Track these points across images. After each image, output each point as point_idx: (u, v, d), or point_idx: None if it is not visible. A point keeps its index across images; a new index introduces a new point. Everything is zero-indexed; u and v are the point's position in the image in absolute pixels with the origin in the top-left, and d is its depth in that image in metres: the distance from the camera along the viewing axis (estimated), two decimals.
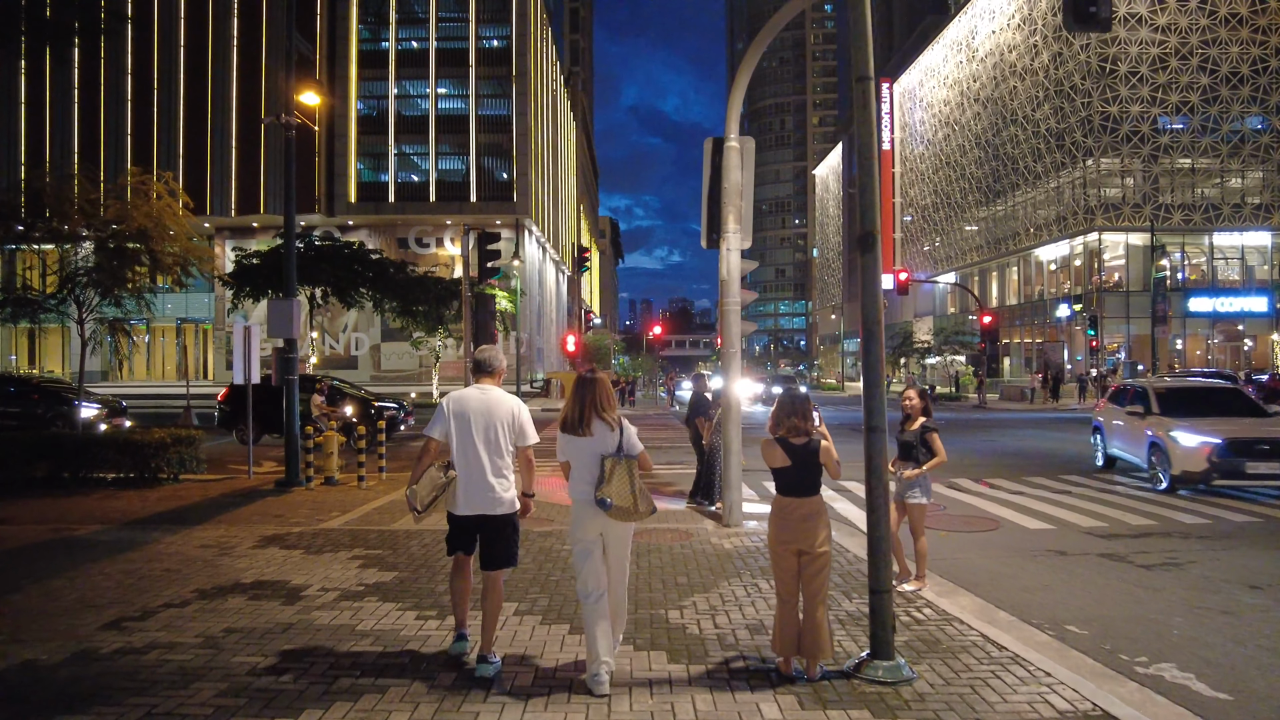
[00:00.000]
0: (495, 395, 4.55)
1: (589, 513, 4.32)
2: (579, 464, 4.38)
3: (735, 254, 8.69)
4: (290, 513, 9.73)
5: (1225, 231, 46.89)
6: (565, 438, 4.43)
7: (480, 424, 4.45)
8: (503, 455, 4.48)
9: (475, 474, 4.42)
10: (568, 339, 38.44)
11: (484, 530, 4.48)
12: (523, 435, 4.54)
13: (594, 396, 4.38)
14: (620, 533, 4.43)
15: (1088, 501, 11.05)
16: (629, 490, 4.23)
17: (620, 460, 4.28)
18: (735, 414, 8.69)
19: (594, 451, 4.32)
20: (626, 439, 4.38)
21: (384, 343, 48.74)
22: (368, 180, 48.22)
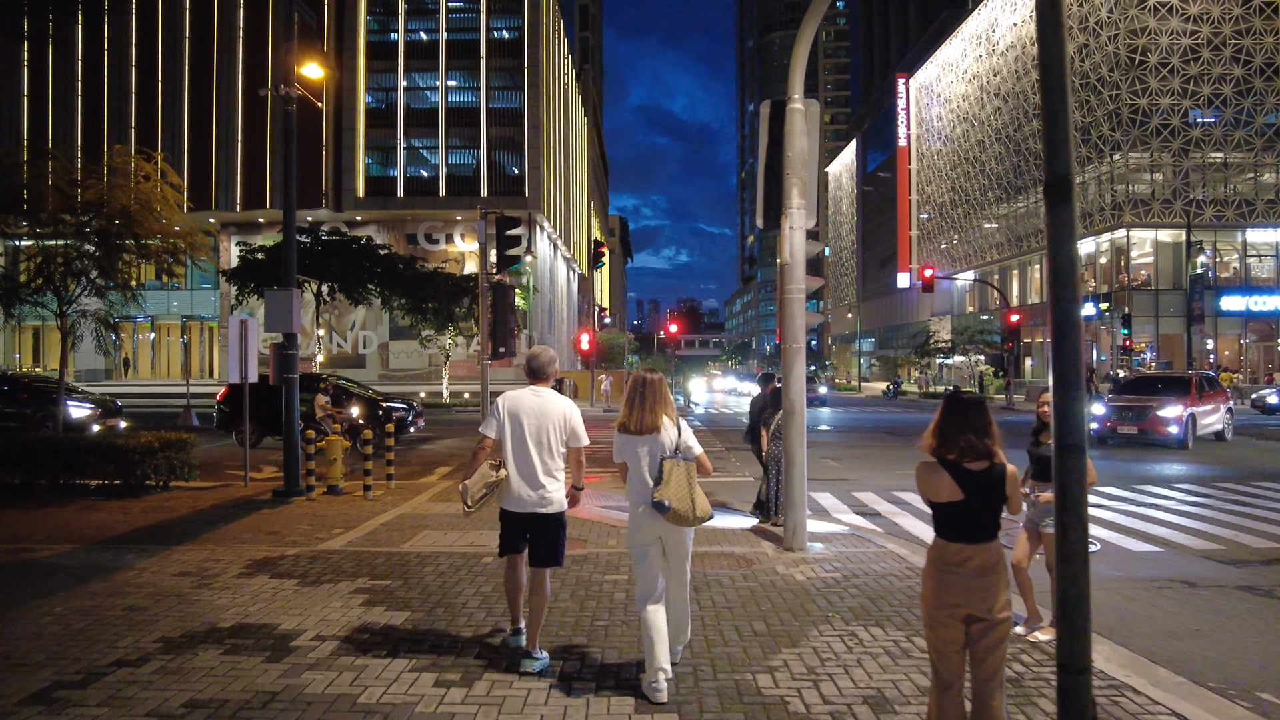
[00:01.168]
0: (549, 397, 4.65)
1: (647, 515, 4.26)
2: (636, 465, 4.34)
3: (800, 233, 7.48)
4: (287, 529, 8.57)
5: (1259, 228, 45.42)
6: (623, 438, 4.40)
7: (533, 425, 4.56)
8: (554, 456, 4.57)
9: (527, 473, 4.53)
10: (581, 337, 37.20)
11: (533, 528, 4.58)
12: (575, 437, 4.63)
13: (653, 396, 4.35)
14: (680, 536, 4.37)
15: (1183, 517, 9.80)
16: (687, 493, 4.18)
17: (679, 462, 4.23)
18: (799, 421, 7.49)
19: (652, 453, 4.30)
20: (685, 440, 4.34)
21: (392, 341, 47.64)
22: (376, 175, 47.13)
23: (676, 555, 4.41)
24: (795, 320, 7.49)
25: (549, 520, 4.55)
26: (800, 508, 7.50)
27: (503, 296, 11.08)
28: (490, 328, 11.02)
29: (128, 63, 45.45)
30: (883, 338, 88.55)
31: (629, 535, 4.43)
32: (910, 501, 10.99)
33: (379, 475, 11.45)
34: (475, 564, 6.98)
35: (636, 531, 4.35)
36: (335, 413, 16.13)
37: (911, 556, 7.30)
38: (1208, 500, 11.05)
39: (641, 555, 4.33)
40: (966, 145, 65.02)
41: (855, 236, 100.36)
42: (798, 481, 7.49)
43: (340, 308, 45.56)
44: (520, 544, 4.68)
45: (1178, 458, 16.11)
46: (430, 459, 15.93)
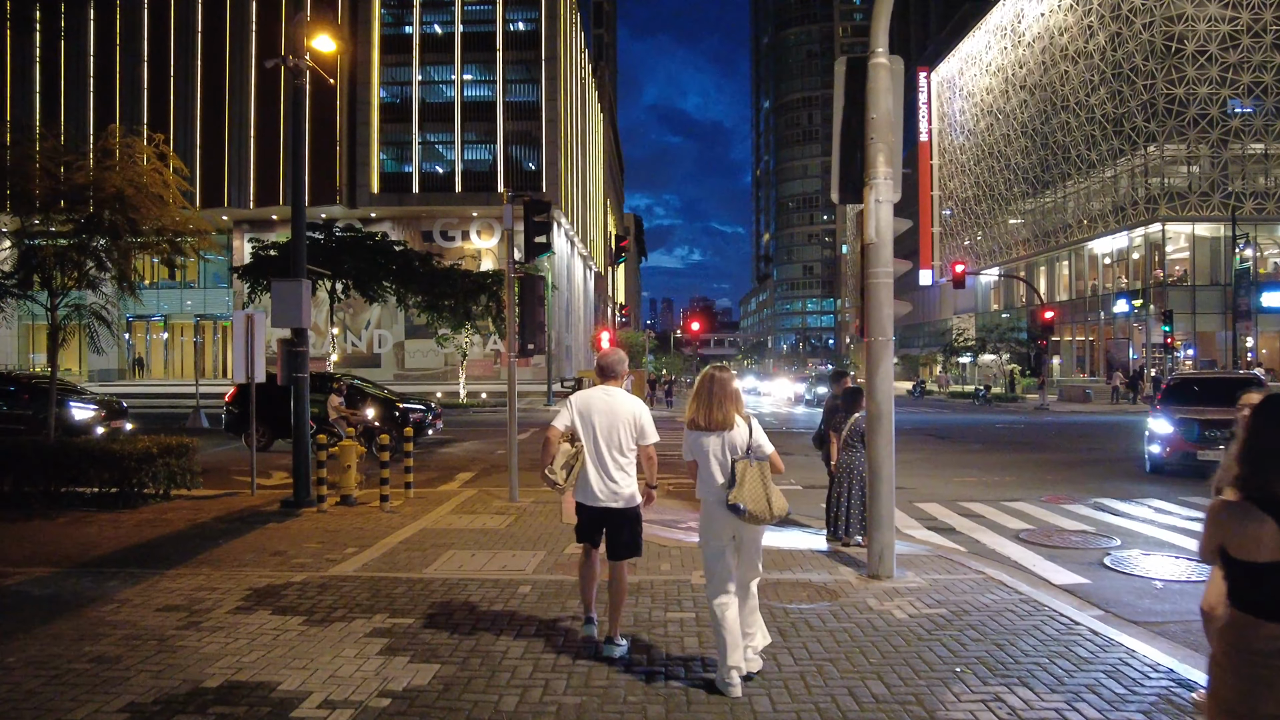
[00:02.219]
0: (619, 397, 4.75)
1: (720, 514, 4.24)
2: (706, 463, 4.33)
3: (887, 207, 6.42)
4: (294, 547, 7.59)
5: None
6: (693, 436, 4.39)
7: (604, 423, 4.66)
8: (624, 453, 4.68)
9: (599, 469, 4.64)
10: (601, 335, 36.22)
11: (609, 522, 4.73)
12: (644, 434, 4.74)
13: (721, 392, 4.31)
14: (753, 534, 4.37)
15: None
16: (762, 493, 4.13)
17: (752, 462, 4.19)
18: (886, 427, 6.43)
19: (723, 452, 4.29)
20: (756, 439, 4.29)
21: (408, 340, 46.83)
22: (391, 171, 46.32)
23: (749, 551, 4.38)
24: (882, 309, 6.42)
25: (622, 514, 4.70)
26: (888, 528, 6.43)
27: (532, 289, 10.06)
28: (519, 322, 10.00)
29: (139, 57, 44.83)
30: (904, 336, 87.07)
31: (701, 531, 4.43)
32: (982, 514, 9.89)
33: (396, 483, 10.47)
34: (511, 594, 5.96)
35: (709, 529, 4.33)
36: (349, 414, 15.21)
37: (1020, 585, 6.23)
38: None
39: (717, 554, 4.30)
40: (991, 139, 63.56)
41: None
42: (885, 498, 6.42)
43: (355, 306, 44.81)
44: (595, 536, 4.81)
45: None
46: (451, 464, 14.95)
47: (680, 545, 7.73)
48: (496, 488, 11.43)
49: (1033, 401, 39.50)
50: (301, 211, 10.30)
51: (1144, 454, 13.83)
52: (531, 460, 15.10)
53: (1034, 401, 39.13)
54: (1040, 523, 9.41)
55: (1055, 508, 10.37)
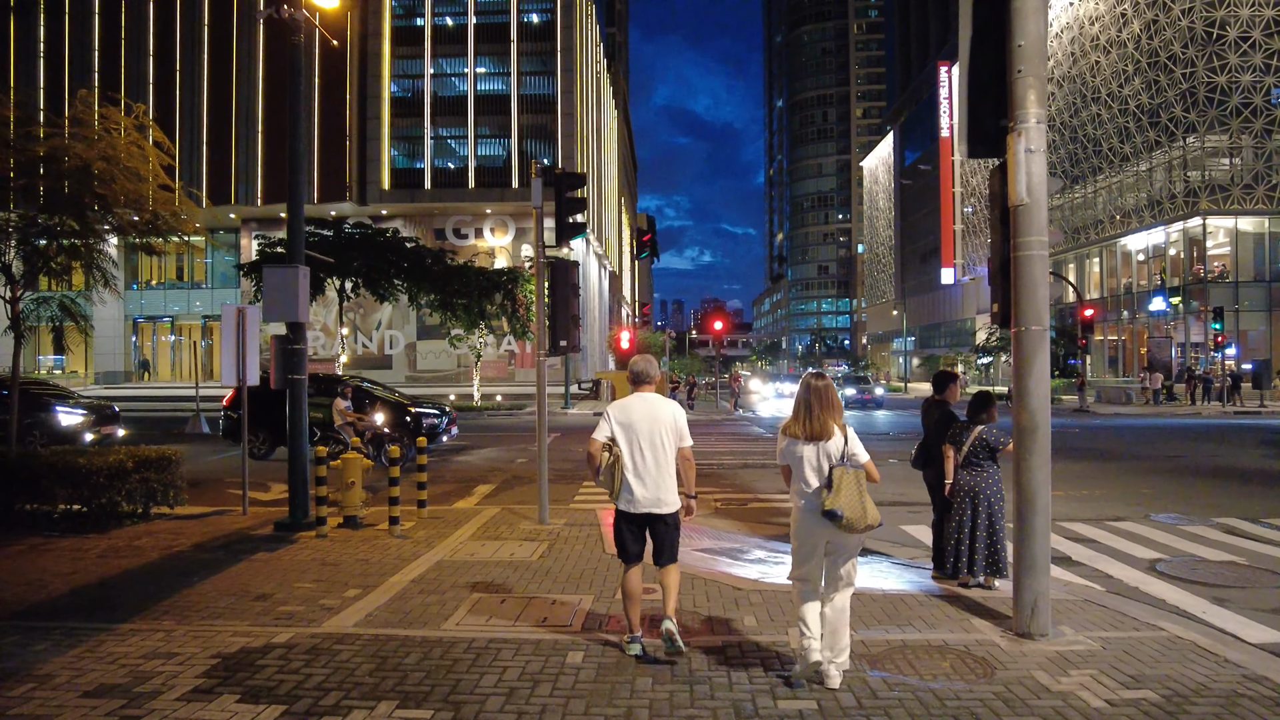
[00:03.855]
0: (656, 401, 4.75)
1: (814, 520, 4.23)
2: (802, 471, 4.29)
3: (1039, 158, 4.95)
4: (282, 588, 6.19)
5: None
6: (790, 442, 4.37)
7: (645, 429, 4.65)
8: (668, 458, 4.66)
9: (643, 475, 4.63)
10: (621, 335, 34.84)
11: (652, 528, 4.71)
12: (682, 436, 4.72)
13: (820, 403, 4.28)
14: (847, 542, 4.27)
15: None
16: (858, 501, 4.09)
17: (848, 470, 4.16)
18: (1042, 442, 4.96)
19: (819, 459, 4.25)
20: (852, 447, 4.25)
21: (420, 341, 45.55)
22: (402, 166, 45.03)
23: (845, 559, 4.33)
24: (1036, 290, 4.95)
25: (665, 520, 4.68)
26: (1043, 572, 4.96)
27: (565, 276, 8.62)
28: (550, 315, 8.57)
29: (145, 51, 43.74)
30: (923, 336, 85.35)
31: (794, 534, 4.42)
32: (1092, 537, 8.40)
33: (408, 500, 9.08)
34: (560, 667, 4.52)
35: (802, 535, 4.33)
36: (356, 420, 13.83)
37: (1227, 651, 4.75)
38: None
39: (808, 555, 4.31)
40: None
41: (893, 232, 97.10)
42: (1039, 533, 4.94)
43: (365, 306, 43.60)
44: (639, 549, 4.76)
45: None
46: (468, 475, 13.54)
47: (759, 588, 6.26)
48: (522, 505, 10.00)
49: (1069, 403, 37.76)
50: (300, 187, 8.93)
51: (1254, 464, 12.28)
52: (559, 472, 13.69)
53: (1070, 403, 37.39)
54: (1170, 550, 7.91)
55: (1174, 529, 8.87)
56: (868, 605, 5.68)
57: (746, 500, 10.93)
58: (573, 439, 19.89)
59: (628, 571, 4.79)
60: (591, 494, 11.37)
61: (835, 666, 4.23)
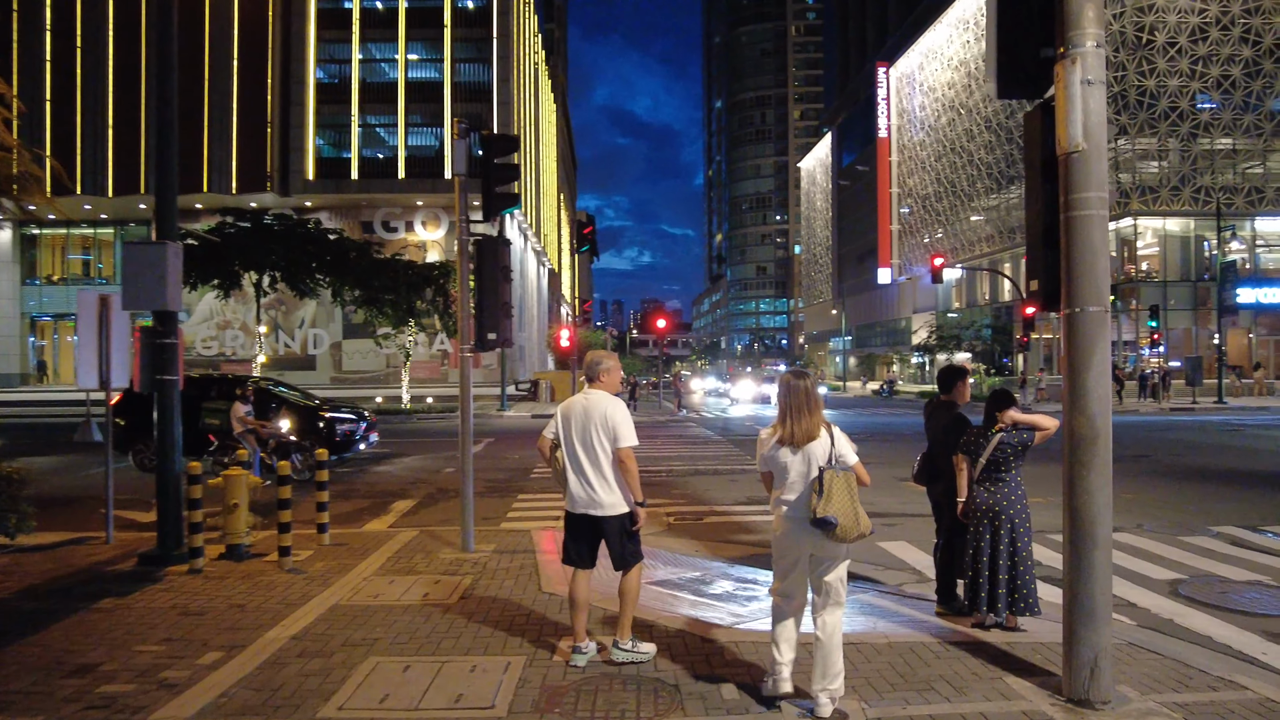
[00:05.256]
0: (595, 399, 4.53)
1: (800, 531, 3.92)
2: (787, 477, 3.98)
3: (1099, 91, 3.86)
4: (117, 652, 4.73)
5: (1269, 216, 43.26)
6: (774, 447, 4.04)
7: (579, 426, 4.50)
8: (599, 458, 4.45)
9: (577, 474, 4.49)
10: (561, 333, 33.40)
11: (595, 531, 4.52)
12: (617, 437, 4.43)
13: (808, 403, 3.99)
14: (834, 552, 3.94)
15: None
16: (850, 506, 3.80)
17: (838, 473, 3.84)
18: (1103, 456, 3.87)
19: (806, 464, 3.95)
20: (839, 448, 3.94)
21: (346, 340, 43.25)
22: (328, 156, 42.69)
23: (829, 575, 3.95)
24: (1098, 260, 3.86)
25: (609, 523, 4.46)
26: (1103, 622, 3.87)
27: (493, 257, 7.28)
28: (477, 303, 7.22)
29: (41, 27, 40.41)
30: (860, 336, 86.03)
31: (775, 546, 4.11)
32: None
33: (306, 518, 7.63)
34: None
35: (785, 544, 4.01)
36: (259, 427, 12.20)
37: None
38: None
39: (790, 567, 4.01)
40: (953, 134, 62.37)
41: (830, 233, 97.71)
42: (1100, 571, 3.85)
43: (288, 303, 41.22)
44: (582, 552, 4.58)
45: None
46: (386, 488, 12.04)
47: (736, 639, 5.04)
48: (444, 526, 8.61)
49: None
50: (170, 146, 7.42)
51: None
52: (490, 483, 12.30)
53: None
54: (1183, 567, 7.02)
55: (1177, 542, 8.02)
56: (872, 660, 4.53)
57: (702, 514, 9.75)
58: (508, 444, 18.48)
59: (573, 576, 4.61)
60: (527, 510, 10.03)
61: (827, 694, 3.85)
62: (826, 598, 3.96)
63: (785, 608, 4.04)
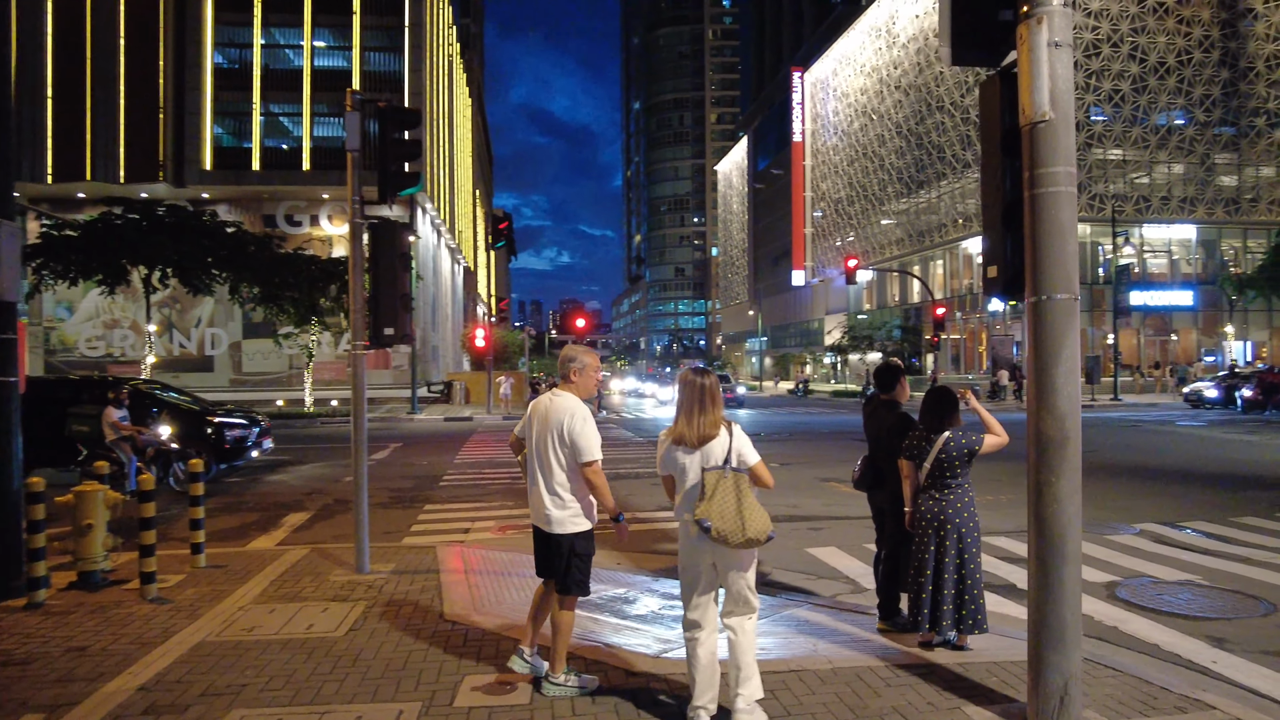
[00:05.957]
0: (558, 404, 4.02)
1: (697, 538, 3.61)
2: (685, 480, 3.73)
3: (1066, 55, 3.48)
4: None
5: (1154, 224, 45.73)
6: (671, 448, 3.77)
7: (536, 433, 4.08)
8: (552, 471, 3.99)
9: (533, 486, 4.11)
10: (476, 333, 32.35)
11: (547, 547, 4.09)
12: (576, 450, 3.92)
13: (709, 401, 3.72)
14: (733, 560, 3.65)
15: None
16: (734, 510, 3.52)
17: (726, 474, 3.61)
18: (1072, 461, 3.49)
19: (699, 464, 3.68)
20: (737, 446, 3.68)
21: (246, 340, 40.97)
22: (228, 145, 40.34)
23: (731, 582, 3.69)
24: (1066, 241, 3.47)
25: (557, 542, 4.02)
26: (1074, 646, 3.48)
27: (391, 241, 6.56)
28: (371, 294, 6.48)
29: None
30: (775, 336, 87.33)
31: (680, 559, 3.81)
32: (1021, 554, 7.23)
33: (178, 537, 6.73)
34: None
35: (686, 555, 3.75)
36: (135, 433, 11.03)
37: None
38: None
39: (693, 584, 3.72)
40: (865, 140, 63.88)
41: (746, 235, 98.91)
42: (1070, 590, 3.46)
43: (183, 301, 38.74)
44: (540, 564, 4.20)
45: None
46: (279, 499, 11.05)
47: (663, 670, 4.49)
48: (339, 544, 7.79)
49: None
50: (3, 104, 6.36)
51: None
52: (394, 493, 11.45)
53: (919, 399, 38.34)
54: (1115, 568, 6.87)
55: (1105, 540, 7.92)
56: (817, 691, 4.06)
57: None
58: (418, 449, 17.54)
59: (540, 586, 4.35)
60: (434, 523, 9.27)
61: (743, 699, 3.62)
62: (734, 604, 3.71)
63: (698, 640, 3.69)
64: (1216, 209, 45.49)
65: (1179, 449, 16.06)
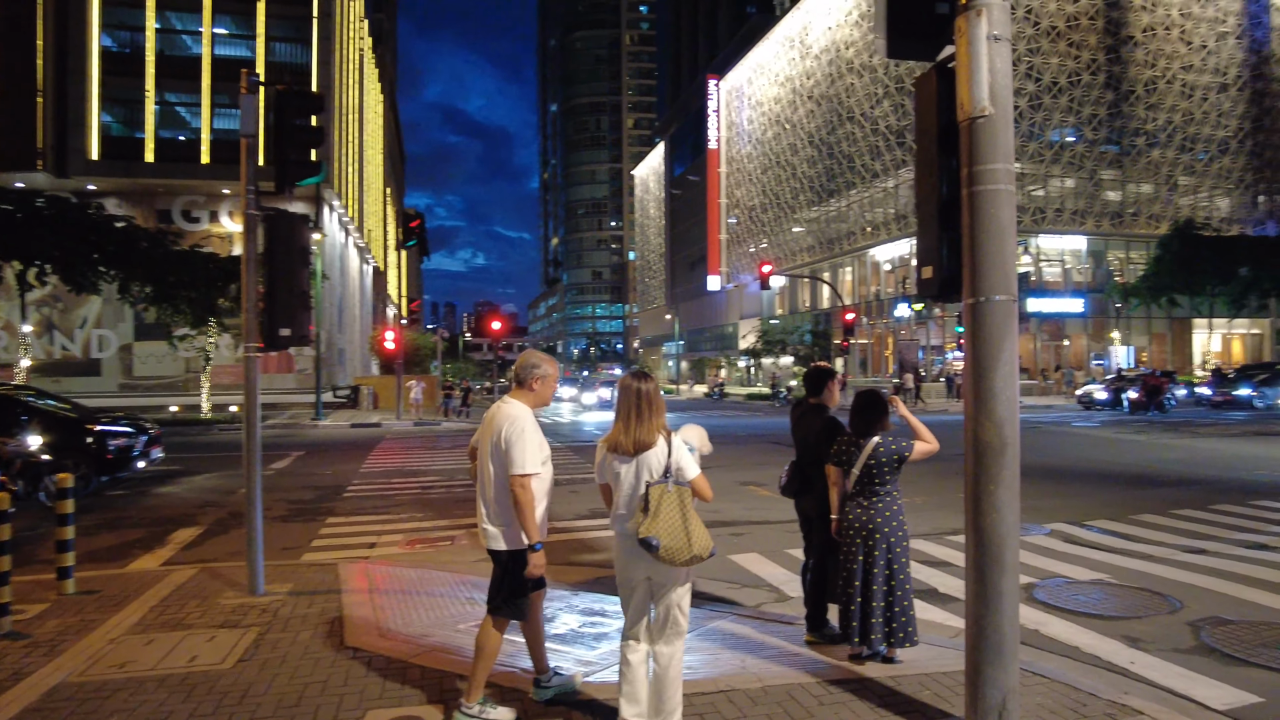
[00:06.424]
0: (504, 411, 3.80)
1: (633, 552, 3.48)
2: (620, 490, 3.57)
3: (1006, 49, 3.39)
4: None
5: (1048, 235, 48.07)
6: (606, 456, 3.64)
7: (483, 440, 3.85)
8: (488, 480, 3.79)
9: (478, 497, 3.91)
10: (385, 335, 31.25)
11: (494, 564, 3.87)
12: (511, 461, 3.64)
13: (648, 408, 3.54)
14: (670, 577, 3.49)
15: None
16: (680, 526, 3.39)
17: (670, 488, 3.44)
18: (1010, 469, 3.39)
19: (637, 476, 3.52)
20: (676, 460, 3.50)
21: (138, 342, 38.51)
22: (118, 134, 37.84)
23: (666, 601, 3.51)
24: (1005, 241, 3.37)
25: (496, 557, 3.83)
26: (1012, 658, 3.37)
27: (289, 235, 6.06)
28: (266, 291, 5.96)
29: None
30: (691, 340, 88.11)
31: (617, 573, 3.66)
32: (942, 558, 7.27)
33: (40, 565, 6.04)
34: None
35: (622, 569, 3.60)
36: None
37: None
38: None
39: (629, 596, 3.60)
40: (778, 148, 65.12)
41: (664, 240, 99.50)
42: (1009, 601, 3.36)
43: (67, 300, 36.10)
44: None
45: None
46: (168, 513, 10.22)
47: (590, 695, 4.21)
48: (233, 561, 7.19)
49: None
50: None
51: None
52: (296, 505, 10.76)
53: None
54: (1030, 569, 6.93)
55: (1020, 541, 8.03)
56: (748, 713, 3.85)
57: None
58: (323, 457, 16.71)
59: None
60: (337, 537, 8.71)
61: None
62: (663, 627, 3.54)
63: (630, 647, 3.57)
64: (1104, 222, 48.11)
65: (1077, 449, 16.74)
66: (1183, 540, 8.02)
